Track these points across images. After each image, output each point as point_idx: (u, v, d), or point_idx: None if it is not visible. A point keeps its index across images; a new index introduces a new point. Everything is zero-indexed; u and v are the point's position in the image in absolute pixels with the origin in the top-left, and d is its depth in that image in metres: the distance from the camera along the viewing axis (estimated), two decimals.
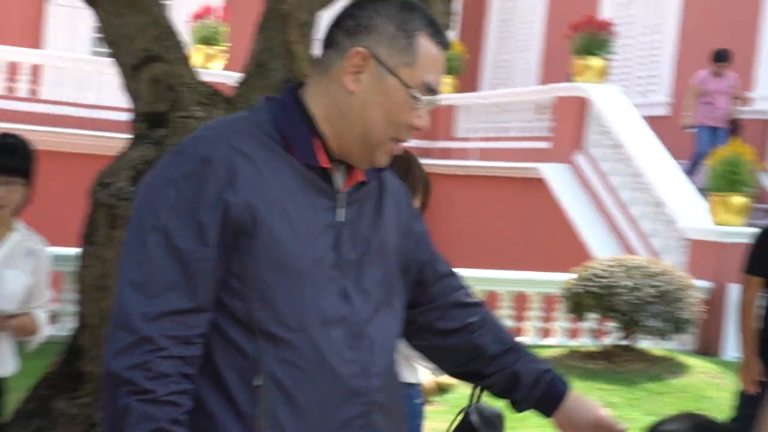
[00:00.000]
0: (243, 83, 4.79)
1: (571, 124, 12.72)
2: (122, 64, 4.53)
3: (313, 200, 2.02)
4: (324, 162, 2.03)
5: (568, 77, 13.43)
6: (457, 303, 2.33)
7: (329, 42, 2.06)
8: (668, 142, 12.23)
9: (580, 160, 12.49)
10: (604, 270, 8.48)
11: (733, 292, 9.57)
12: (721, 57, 12.64)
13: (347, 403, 2.02)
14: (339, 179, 2.07)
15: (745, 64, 13.28)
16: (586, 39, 12.90)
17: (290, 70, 4.69)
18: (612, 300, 8.22)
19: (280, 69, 4.78)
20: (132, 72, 4.49)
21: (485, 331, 2.32)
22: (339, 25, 2.05)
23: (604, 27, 13.10)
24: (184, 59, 4.58)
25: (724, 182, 10.35)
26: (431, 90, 2.04)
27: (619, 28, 13.75)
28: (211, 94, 4.57)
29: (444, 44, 2.07)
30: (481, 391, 2.36)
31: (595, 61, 12.88)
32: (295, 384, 1.97)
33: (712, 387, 7.93)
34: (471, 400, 2.39)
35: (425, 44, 2.02)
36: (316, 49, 4.73)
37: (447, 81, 15.73)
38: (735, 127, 12.50)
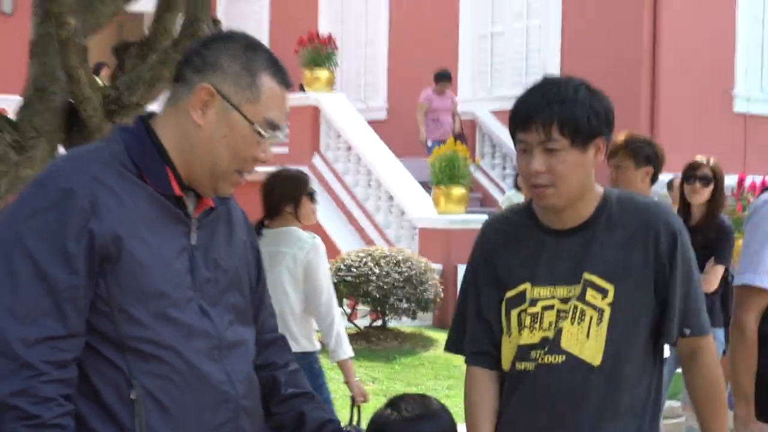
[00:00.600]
0: (24, 107, 4.50)
1: (306, 131, 12.75)
2: None
3: (169, 226, 1.98)
4: (177, 190, 1.99)
5: (299, 87, 13.52)
6: (272, 341, 2.29)
7: (178, 77, 2.02)
8: (389, 142, 12.55)
9: (317, 162, 12.59)
10: (354, 261, 8.62)
11: (461, 271, 9.95)
12: (441, 77, 13.02)
13: (217, 409, 1.99)
14: (190, 205, 2.03)
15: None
16: (312, 53, 13.03)
17: (71, 93, 4.44)
18: (364, 287, 8.39)
19: (60, 92, 4.55)
20: None
21: (285, 373, 2.26)
22: (187, 62, 2.02)
23: (328, 42, 13.29)
24: None
25: (445, 176, 10.82)
26: (273, 126, 2.01)
27: (337, 42, 13.96)
28: None
29: (286, 83, 2.05)
30: (359, 412, 2.39)
31: (321, 73, 13.03)
32: (167, 395, 1.93)
33: (457, 357, 8.15)
34: (351, 421, 2.41)
35: (268, 83, 2.00)
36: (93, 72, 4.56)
37: None
38: (462, 141, 12.92)
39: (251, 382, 2.09)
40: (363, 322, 9.13)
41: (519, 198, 9.39)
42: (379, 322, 8.93)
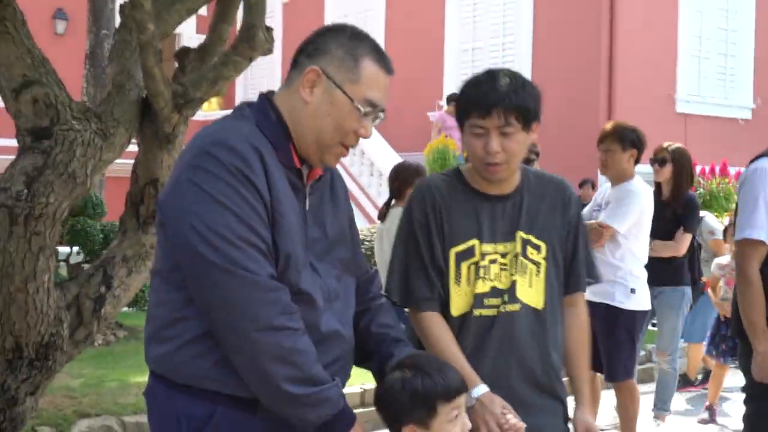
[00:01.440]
0: (105, 101, 4.48)
1: None
2: (3, 89, 4.11)
3: (292, 192, 1.93)
4: (298, 163, 1.95)
5: None
6: (367, 280, 2.24)
7: (294, 64, 1.99)
8: (388, 139, 12.55)
9: None
10: (366, 236, 8.58)
11: None
12: (452, 99, 12.86)
13: (331, 347, 1.95)
14: (304, 174, 1.99)
15: (437, 83, 13.78)
16: None
17: (147, 88, 4.41)
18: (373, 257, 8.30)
19: (134, 88, 4.55)
20: (13, 95, 4.08)
21: (374, 305, 2.21)
22: (302, 50, 1.98)
23: None
24: (58, 82, 4.19)
25: (437, 166, 10.83)
26: (373, 105, 1.95)
27: None
28: (85, 110, 4.22)
29: (387, 69, 1.99)
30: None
31: None
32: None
33: None
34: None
35: (369, 66, 1.95)
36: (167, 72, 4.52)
37: (215, 100, 15.36)
38: None
39: (352, 323, 2.08)
40: None
41: None
42: None
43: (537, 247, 2.34)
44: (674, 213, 5.52)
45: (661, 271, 5.33)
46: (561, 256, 2.39)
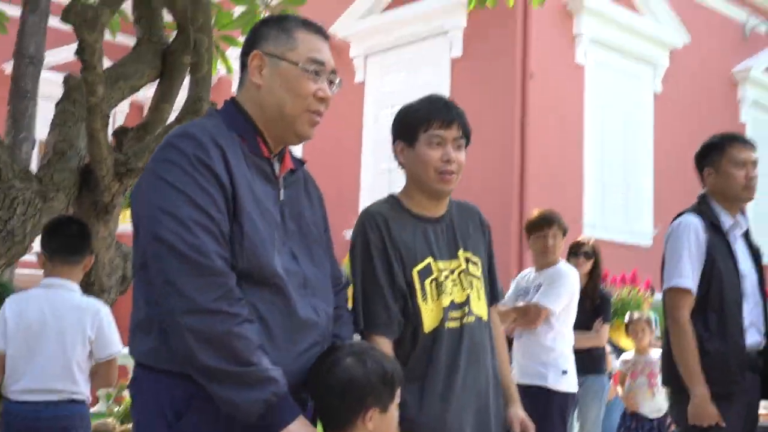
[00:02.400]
0: (45, 166, 4.49)
1: None
2: None
3: (264, 184, 2.02)
4: (266, 152, 2.04)
5: None
6: (337, 289, 2.26)
7: (242, 66, 2.11)
8: None
9: None
10: None
11: None
12: None
13: (307, 333, 1.99)
14: (276, 167, 2.07)
15: (353, 202, 14.01)
16: None
17: (90, 153, 4.46)
18: None
19: (75, 157, 4.58)
20: None
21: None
22: (243, 51, 2.11)
23: None
24: (1, 144, 4.20)
25: None
26: (318, 62, 2.05)
27: None
28: (25, 171, 4.23)
29: (321, 34, 2.10)
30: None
31: None
32: (271, 317, 1.94)
33: None
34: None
35: (301, 33, 2.06)
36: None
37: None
38: None
39: (329, 314, 2.10)
40: None
41: None
42: None
43: (476, 264, 2.52)
44: (592, 304, 5.77)
45: (584, 360, 5.49)
46: (486, 271, 2.59)
